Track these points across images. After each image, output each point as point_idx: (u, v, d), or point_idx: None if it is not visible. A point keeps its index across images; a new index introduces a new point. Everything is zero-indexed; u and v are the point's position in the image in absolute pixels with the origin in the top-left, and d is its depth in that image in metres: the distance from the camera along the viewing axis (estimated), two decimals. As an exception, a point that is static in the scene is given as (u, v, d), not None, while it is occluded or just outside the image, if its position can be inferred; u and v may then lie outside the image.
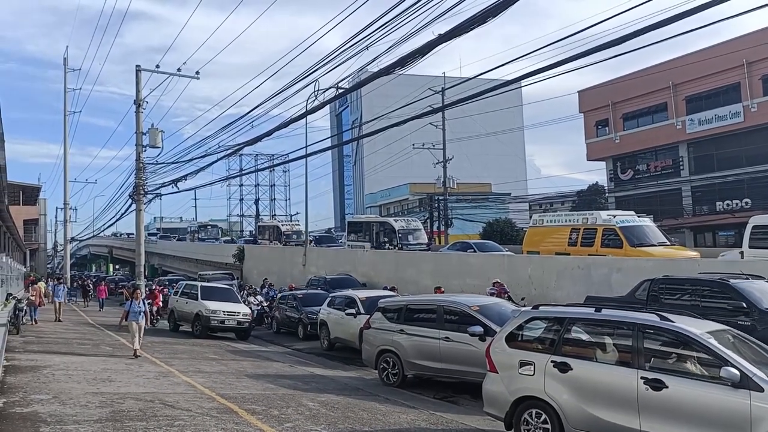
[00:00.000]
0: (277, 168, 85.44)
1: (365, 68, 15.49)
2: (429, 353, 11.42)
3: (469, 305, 11.44)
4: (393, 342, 12.06)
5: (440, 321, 11.55)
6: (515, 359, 7.59)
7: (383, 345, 12.29)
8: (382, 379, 12.21)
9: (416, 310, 12.40)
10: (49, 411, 8.17)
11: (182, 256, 56.67)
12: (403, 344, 11.84)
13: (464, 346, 10.81)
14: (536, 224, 22.13)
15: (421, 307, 12.53)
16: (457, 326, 11.14)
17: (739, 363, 6.05)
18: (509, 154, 70.77)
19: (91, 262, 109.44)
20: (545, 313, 8.06)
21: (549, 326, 7.78)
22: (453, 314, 11.50)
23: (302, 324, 20.56)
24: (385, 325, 12.44)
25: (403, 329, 11.96)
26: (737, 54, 33.18)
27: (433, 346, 11.34)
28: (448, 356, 11.11)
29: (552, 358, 7.24)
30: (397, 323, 12.20)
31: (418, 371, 11.73)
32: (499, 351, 7.89)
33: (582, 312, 7.74)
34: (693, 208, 38.31)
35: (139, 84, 26.28)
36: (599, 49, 8.45)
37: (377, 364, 12.42)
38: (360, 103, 70.00)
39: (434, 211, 42.86)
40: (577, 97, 46.01)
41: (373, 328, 12.81)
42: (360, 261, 28.66)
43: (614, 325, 7.31)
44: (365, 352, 13.04)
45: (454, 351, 11.00)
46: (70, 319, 23.78)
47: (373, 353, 12.58)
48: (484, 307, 11.41)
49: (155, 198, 27.69)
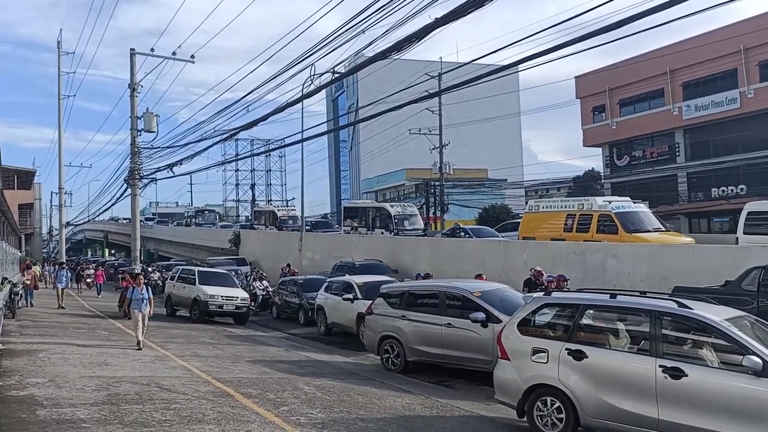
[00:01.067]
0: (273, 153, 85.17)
1: (361, 53, 15.40)
2: (431, 339, 11.35)
3: (471, 291, 11.32)
4: (395, 328, 12.00)
5: (442, 307, 11.44)
6: (528, 346, 7.48)
7: (385, 331, 12.22)
8: (384, 365, 12.13)
9: (418, 296, 12.30)
10: (45, 394, 8.20)
11: (178, 241, 56.61)
12: (405, 330, 11.78)
13: (466, 333, 10.74)
14: (532, 210, 22.16)
15: (423, 293, 12.40)
16: (460, 312, 11.05)
17: (761, 351, 5.97)
18: (506, 139, 70.69)
19: (86, 247, 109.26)
20: (558, 299, 7.93)
21: (562, 313, 7.67)
22: (455, 300, 11.39)
23: (303, 309, 20.47)
24: (388, 311, 12.35)
25: (405, 315, 11.89)
26: (734, 40, 33.10)
27: (435, 332, 11.27)
28: (451, 342, 11.03)
29: (566, 346, 7.13)
30: (400, 309, 12.11)
31: (420, 357, 11.65)
32: (511, 338, 7.78)
33: (596, 299, 7.56)
34: (688, 195, 38.39)
35: (133, 68, 26.10)
36: (596, 33, 8.41)
37: (379, 350, 12.34)
38: (356, 88, 69.71)
39: (430, 196, 42.86)
40: (574, 82, 45.90)
41: (375, 313, 12.70)
42: (356, 246, 28.68)
43: (631, 312, 7.18)
44: (367, 338, 12.99)
45: (457, 337, 10.93)
46: (67, 303, 23.72)
47: (375, 339, 12.50)
48: (486, 293, 11.29)
49: (150, 183, 27.57)
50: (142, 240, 33.07)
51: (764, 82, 34.02)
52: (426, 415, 8.38)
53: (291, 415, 7.77)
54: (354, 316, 15.99)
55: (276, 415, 7.71)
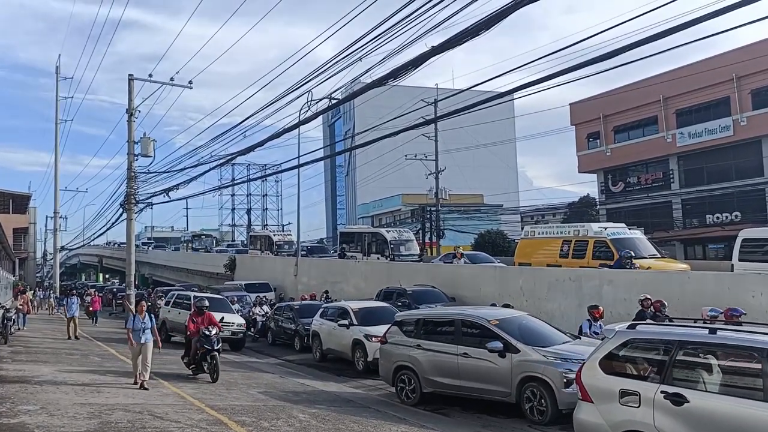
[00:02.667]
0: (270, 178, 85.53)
1: (358, 79, 15.55)
2: (447, 370, 10.89)
3: (488, 319, 10.83)
4: (410, 357, 11.53)
5: (458, 335, 11.01)
6: (615, 387, 6.66)
7: (400, 361, 11.75)
8: (400, 398, 11.68)
9: (434, 324, 11.87)
10: (36, 422, 8.09)
11: (173, 266, 56.38)
12: (420, 360, 11.31)
13: (483, 363, 10.30)
14: (528, 236, 22.18)
15: (439, 321, 12.00)
16: (477, 341, 10.59)
17: None
18: (501, 165, 71.05)
19: (80, 272, 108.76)
20: (646, 334, 6.98)
21: (653, 350, 6.84)
22: (471, 328, 10.95)
23: (299, 335, 20.31)
24: (402, 340, 11.90)
25: (421, 344, 11.43)
26: (727, 68, 33.51)
27: (451, 362, 10.80)
28: (467, 373, 10.57)
29: (662, 388, 6.30)
30: (415, 338, 11.64)
31: (436, 389, 11.18)
32: (593, 377, 6.96)
33: (693, 335, 6.62)
34: (683, 221, 38.53)
35: (131, 93, 26.24)
36: (591, 62, 8.51)
37: (394, 381, 11.88)
38: (353, 114, 70.19)
39: (426, 222, 42.89)
40: (569, 109, 46.30)
41: (389, 342, 12.21)
42: (352, 272, 28.59)
43: (736, 350, 6.28)
44: (382, 368, 12.45)
45: (473, 368, 10.47)
46: (59, 329, 23.53)
47: (390, 369, 11.99)
48: (503, 321, 10.83)
49: (146, 207, 27.56)
50: (137, 265, 32.92)
51: (757, 110, 34.38)
52: (422, 443, 8.28)
53: (285, 444, 7.66)
54: (349, 342, 15.85)
55: (270, 443, 7.61)
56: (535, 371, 9.62)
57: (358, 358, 15.55)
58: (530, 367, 9.71)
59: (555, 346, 10.03)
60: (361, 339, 15.40)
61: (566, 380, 9.18)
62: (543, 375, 9.52)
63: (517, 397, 9.82)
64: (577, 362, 9.33)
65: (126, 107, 26.26)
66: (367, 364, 14.99)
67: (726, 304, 12.96)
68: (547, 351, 9.80)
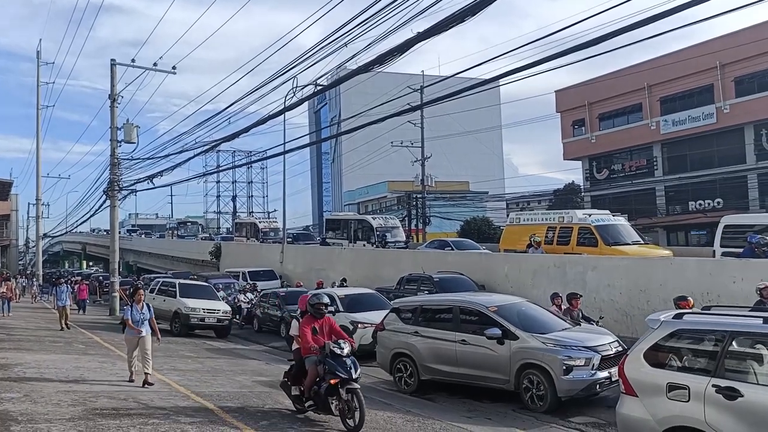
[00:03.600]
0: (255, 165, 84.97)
1: (344, 65, 15.50)
2: (445, 357, 10.78)
3: (487, 305, 10.67)
4: (407, 345, 11.39)
5: (456, 322, 10.86)
6: (661, 381, 6.31)
7: (397, 348, 11.63)
8: (397, 385, 11.56)
9: (432, 311, 11.68)
10: (20, 409, 8.04)
11: (158, 253, 56.08)
12: (418, 347, 11.17)
13: (482, 350, 10.19)
14: (513, 222, 22.28)
15: (437, 308, 11.75)
16: (475, 328, 10.44)
17: None
18: (487, 152, 71.25)
19: (64, 259, 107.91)
20: (694, 324, 6.60)
21: (703, 341, 6.49)
22: (470, 315, 10.79)
23: (284, 322, 20.32)
24: (400, 327, 11.73)
25: (418, 331, 11.29)
26: (711, 56, 33.75)
27: (449, 349, 10.69)
28: (466, 360, 10.46)
29: (713, 382, 5.94)
30: (413, 325, 11.49)
31: (434, 376, 11.06)
32: (637, 370, 6.61)
33: (746, 324, 6.23)
34: (666, 208, 38.92)
35: (114, 78, 25.97)
36: (576, 49, 8.54)
37: (392, 369, 11.76)
38: (339, 101, 69.94)
39: (412, 209, 42.97)
40: (554, 96, 46.43)
41: (387, 329, 12.01)
42: (338, 259, 28.61)
43: None
44: (379, 356, 12.32)
45: (472, 355, 10.36)
46: (44, 317, 23.35)
47: (387, 356, 11.87)
48: (502, 308, 10.63)
49: (130, 194, 27.38)
50: (121, 252, 32.72)
51: (740, 98, 34.70)
52: (407, 428, 8.34)
53: (272, 430, 7.69)
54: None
55: (256, 429, 7.63)
56: (534, 358, 9.54)
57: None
58: (529, 354, 9.62)
59: (554, 333, 9.94)
60: (347, 326, 15.30)
61: (566, 367, 9.16)
62: (542, 362, 9.43)
63: (516, 384, 9.76)
64: (577, 349, 9.43)
65: (108, 93, 26.01)
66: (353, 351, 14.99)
67: (708, 290, 13.21)
68: (546, 338, 9.71)
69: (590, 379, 9.24)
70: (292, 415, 8.60)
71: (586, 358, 9.30)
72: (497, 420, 9.24)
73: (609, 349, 9.69)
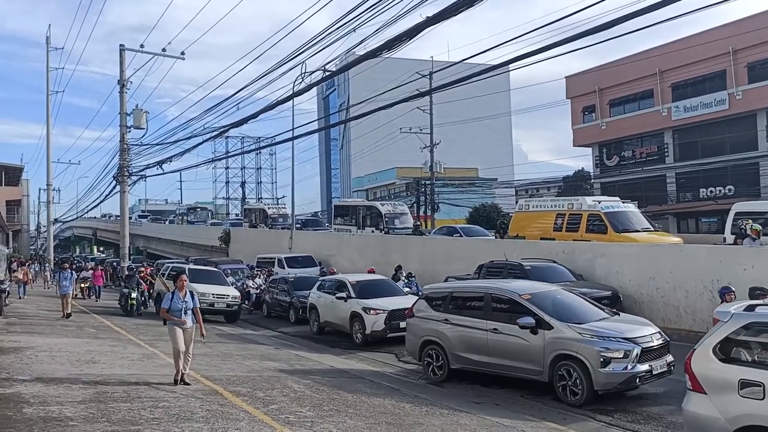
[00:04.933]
0: (264, 151, 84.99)
1: (352, 51, 15.42)
2: (476, 346, 10.45)
3: (519, 293, 10.26)
4: (437, 332, 11.09)
5: (488, 310, 10.50)
6: (733, 377, 5.93)
7: (427, 335, 11.33)
8: (426, 374, 11.32)
9: (463, 298, 11.32)
10: (32, 392, 8.15)
11: (168, 239, 56.41)
12: (448, 335, 10.86)
13: (514, 339, 9.80)
14: (522, 209, 22.23)
15: (468, 295, 11.40)
16: (507, 316, 10.06)
17: None
18: (496, 139, 70.93)
19: (74, 244, 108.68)
20: None
21: None
22: (502, 303, 10.42)
23: (293, 308, 20.31)
24: (430, 314, 11.43)
25: (449, 319, 10.99)
26: (723, 41, 33.38)
27: (480, 338, 10.35)
28: (497, 349, 10.10)
29: None
30: (443, 312, 11.18)
31: (464, 365, 10.73)
32: (706, 366, 6.24)
33: None
34: (677, 195, 38.67)
35: (123, 64, 26.00)
36: (585, 34, 8.46)
37: (421, 357, 11.47)
38: (347, 86, 69.69)
39: (421, 195, 42.91)
40: (565, 83, 46.09)
41: (416, 316, 11.75)
42: (346, 245, 28.66)
43: None
44: (408, 343, 12.05)
45: (504, 344, 9.99)
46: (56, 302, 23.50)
47: (416, 344, 11.58)
48: (536, 295, 10.23)
49: (140, 180, 27.50)
50: (131, 237, 32.93)
51: (752, 84, 34.32)
52: (415, 413, 8.39)
53: (280, 414, 7.76)
54: (347, 315, 15.65)
55: (265, 413, 7.69)
56: (570, 349, 9.13)
57: (356, 330, 15.38)
58: (564, 344, 9.21)
59: (591, 323, 9.45)
60: (359, 312, 15.20)
61: (603, 359, 8.74)
62: (578, 353, 9.01)
63: (550, 376, 9.38)
64: (615, 340, 8.90)
65: (118, 78, 26.05)
66: (365, 337, 14.91)
67: (718, 278, 13.15)
68: (582, 328, 9.24)
69: (629, 373, 8.78)
70: (300, 399, 8.67)
71: (625, 350, 8.83)
72: (505, 406, 9.25)
73: (650, 340, 9.18)
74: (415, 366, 12.08)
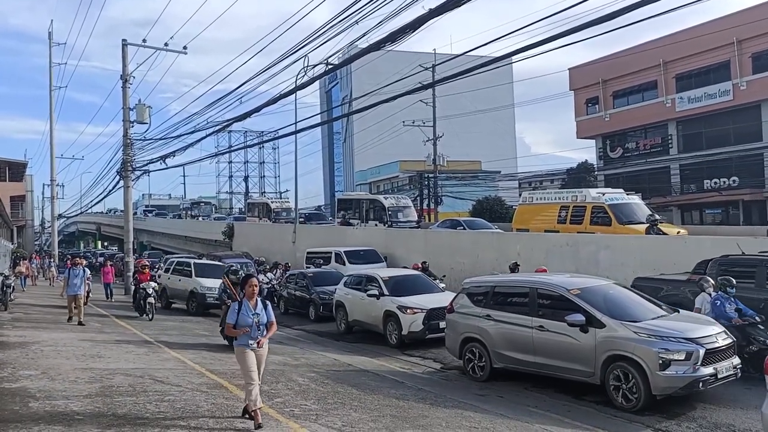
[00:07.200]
0: (267, 145, 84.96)
1: (355, 44, 15.38)
2: (520, 344, 9.86)
3: (568, 288, 9.62)
4: (479, 329, 10.56)
5: (533, 306, 9.85)
6: None
7: (467, 332, 10.80)
8: (466, 372, 10.86)
9: (506, 293, 10.77)
10: (38, 386, 8.18)
11: (172, 233, 56.50)
12: (491, 332, 10.34)
13: (562, 338, 9.19)
14: (526, 202, 22.21)
15: (511, 290, 10.82)
16: (554, 313, 9.46)
17: None
18: (499, 131, 70.72)
19: (78, 239, 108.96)
20: None
21: None
22: (548, 298, 9.80)
23: (314, 304, 19.28)
24: (471, 310, 10.91)
25: (491, 315, 10.45)
26: (727, 32, 33.16)
27: (525, 335, 9.75)
28: (543, 348, 9.50)
29: None
30: (484, 308, 10.65)
31: (508, 364, 10.17)
32: None
33: None
34: (681, 186, 38.55)
35: (125, 59, 25.98)
36: (589, 25, 8.40)
37: (461, 354, 10.98)
38: (350, 80, 69.54)
39: (424, 188, 42.86)
40: (568, 74, 45.91)
41: (456, 312, 11.26)
42: (350, 238, 28.67)
43: None
44: (448, 339, 11.54)
45: (550, 342, 9.39)
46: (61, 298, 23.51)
47: (456, 341, 11.08)
48: (586, 290, 9.55)
49: (143, 174, 27.51)
50: (135, 232, 32.92)
51: (757, 74, 34.13)
52: (420, 405, 8.40)
53: (285, 407, 7.78)
54: (380, 314, 14.59)
55: (270, 406, 7.71)
56: (624, 350, 8.47)
57: (390, 331, 14.30)
58: (618, 344, 8.56)
59: (648, 321, 8.79)
60: (393, 311, 14.12)
61: (662, 362, 8.07)
62: (633, 354, 8.36)
63: (602, 378, 8.73)
64: (676, 341, 8.27)
65: (120, 73, 26.03)
66: (401, 338, 13.88)
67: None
68: (638, 327, 8.57)
69: (692, 376, 8.08)
70: (305, 392, 8.69)
71: (687, 352, 8.15)
72: (510, 398, 9.27)
73: (715, 340, 8.49)
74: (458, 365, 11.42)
